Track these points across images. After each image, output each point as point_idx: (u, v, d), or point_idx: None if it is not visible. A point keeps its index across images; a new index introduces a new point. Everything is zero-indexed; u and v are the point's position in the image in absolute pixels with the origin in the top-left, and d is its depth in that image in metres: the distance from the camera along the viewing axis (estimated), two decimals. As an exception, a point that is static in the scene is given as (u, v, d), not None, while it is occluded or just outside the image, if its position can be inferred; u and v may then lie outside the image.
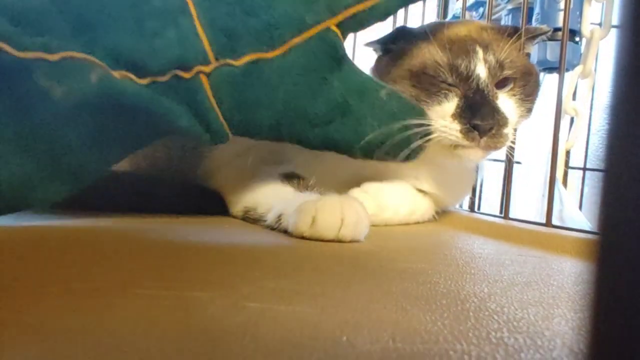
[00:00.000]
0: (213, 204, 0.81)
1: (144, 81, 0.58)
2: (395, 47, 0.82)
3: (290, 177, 0.76)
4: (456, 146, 0.75)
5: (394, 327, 0.30)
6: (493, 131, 0.73)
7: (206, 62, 0.61)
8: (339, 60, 0.66)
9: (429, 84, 0.76)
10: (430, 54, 0.77)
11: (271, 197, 0.72)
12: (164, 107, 0.60)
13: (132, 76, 0.58)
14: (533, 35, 0.85)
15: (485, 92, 0.74)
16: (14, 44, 0.52)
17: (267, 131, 0.67)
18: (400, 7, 0.73)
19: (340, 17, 0.64)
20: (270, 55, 0.62)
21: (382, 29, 0.89)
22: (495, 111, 0.73)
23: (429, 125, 0.73)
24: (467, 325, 0.32)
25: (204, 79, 0.61)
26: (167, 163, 0.88)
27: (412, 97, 0.77)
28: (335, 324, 0.30)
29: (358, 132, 0.68)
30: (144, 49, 0.58)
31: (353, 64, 0.70)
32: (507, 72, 0.77)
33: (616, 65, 0.19)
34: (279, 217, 0.66)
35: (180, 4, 0.62)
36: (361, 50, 1.11)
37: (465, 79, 0.75)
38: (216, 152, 0.87)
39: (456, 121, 0.73)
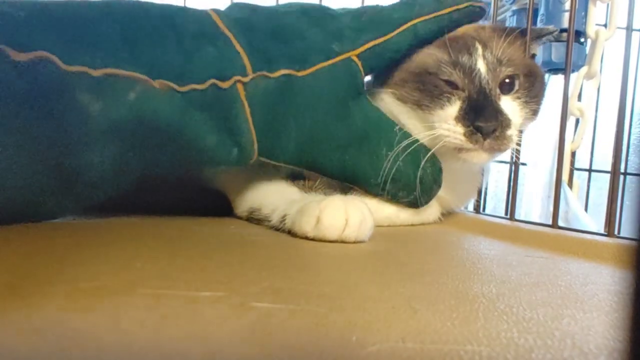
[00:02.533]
0: (218, 205, 0.81)
1: (184, 88, 0.61)
2: None
3: (295, 178, 0.76)
4: (460, 149, 0.75)
5: (403, 327, 0.30)
6: (496, 133, 0.72)
7: (244, 73, 0.65)
8: (358, 90, 0.74)
9: (433, 85, 0.75)
10: (430, 54, 0.77)
11: (276, 198, 0.72)
12: (194, 122, 0.62)
13: (172, 84, 0.60)
14: (538, 35, 0.84)
15: (488, 92, 0.74)
16: (62, 57, 0.54)
17: (292, 151, 0.70)
18: (410, 44, 0.77)
19: (360, 49, 0.73)
20: (300, 73, 0.69)
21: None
22: (498, 112, 0.73)
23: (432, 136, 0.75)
24: (477, 325, 0.32)
25: (240, 88, 0.64)
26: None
27: (414, 101, 0.76)
28: (343, 324, 0.30)
29: (373, 162, 0.74)
30: (186, 60, 0.62)
31: (369, 100, 0.77)
32: (507, 70, 0.76)
33: None
34: (283, 218, 0.66)
35: (215, 30, 0.67)
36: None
37: (469, 74, 0.75)
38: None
39: (459, 124, 0.73)
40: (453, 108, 0.74)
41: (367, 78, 0.83)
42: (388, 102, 0.80)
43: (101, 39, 0.58)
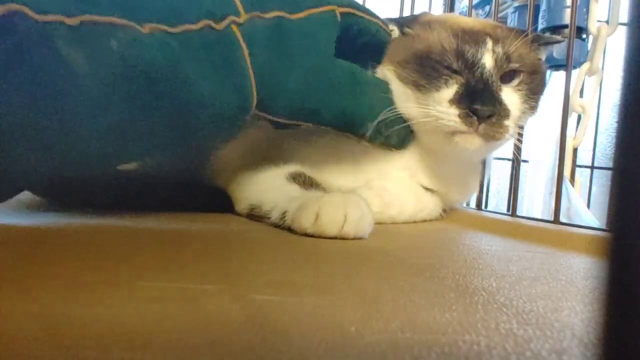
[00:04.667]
0: (219, 203, 0.81)
1: (177, 29, 0.57)
2: (411, 30, 0.82)
3: (296, 176, 0.76)
4: (454, 133, 0.74)
5: (402, 319, 0.30)
6: (493, 119, 0.72)
7: (237, 13, 0.62)
8: (335, 46, 0.74)
9: (431, 68, 0.75)
10: (439, 38, 0.77)
11: (276, 195, 0.72)
12: (190, 69, 0.58)
13: (164, 26, 0.57)
14: (546, 42, 0.84)
15: (489, 81, 0.74)
16: (34, 7, 0.50)
17: (291, 97, 0.68)
18: (371, 39, 0.80)
19: (344, 10, 0.74)
20: (292, 16, 0.68)
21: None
22: (496, 100, 0.73)
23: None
24: (476, 317, 0.32)
25: (236, 29, 0.62)
26: (174, 162, 0.89)
27: (412, 82, 0.77)
28: (343, 315, 0.30)
29: (367, 104, 0.75)
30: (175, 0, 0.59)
31: None
32: (513, 65, 0.76)
33: (627, 62, 0.18)
34: (283, 214, 0.66)
35: None
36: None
37: (470, 67, 0.75)
38: (223, 151, 0.88)
39: (454, 106, 0.73)
40: (448, 91, 0.74)
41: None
42: (389, 79, 0.80)
43: None
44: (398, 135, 0.79)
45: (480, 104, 0.71)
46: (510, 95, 0.76)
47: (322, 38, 0.71)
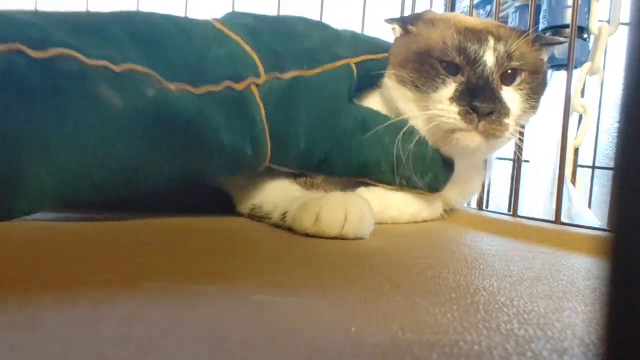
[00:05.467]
0: (220, 203, 0.81)
1: (200, 91, 0.62)
2: (414, 28, 0.82)
3: (297, 176, 0.76)
4: (453, 131, 0.74)
5: (403, 319, 0.30)
6: (493, 117, 0.72)
7: (257, 75, 0.67)
8: (350, 95, 0.78)
9: (431, 66, 0.75)
10: (442, 36, 0.77)
11: (277, 196, 0.72)
12: (212, 122, 0.63)
13: (189, 87, 0.62)
14: (548, 43, 0.84)
15: (490, 80, 0.74)
16: (84, 53, 0.54)
17: (303, 149, 0.72)
18: (383, 69, 0.83)
19: (359, 59, 0.78)
20: (308, 73, 0.72)
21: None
22: (497, 98, 0.73)
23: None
24: (477, 317, 0.32)
25: (255, 90, 0.66)
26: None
27: (411, 82, 0.77)
28: (343, 315, 0.30)
29: (379, 148, 0.77)
30: (199, 61, 0.64)
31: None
32: (515, 63, 0.76)
33: (629, 62, 0.18)
34: (284, 215, 0.66)
35: (221, 35, 0.69)
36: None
37: (472, 64, 0.75)
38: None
39: (454, 104, 0.73)
40: (447, 90, 0.74)
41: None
42: (389, 86, 0.81)
43: (115, 41, 0.59)
44: (422, 177, 0.79)
45: (480, 101, 0.71)
46: (511, 94, 0.76)
47: (333, 89, 0.74)
